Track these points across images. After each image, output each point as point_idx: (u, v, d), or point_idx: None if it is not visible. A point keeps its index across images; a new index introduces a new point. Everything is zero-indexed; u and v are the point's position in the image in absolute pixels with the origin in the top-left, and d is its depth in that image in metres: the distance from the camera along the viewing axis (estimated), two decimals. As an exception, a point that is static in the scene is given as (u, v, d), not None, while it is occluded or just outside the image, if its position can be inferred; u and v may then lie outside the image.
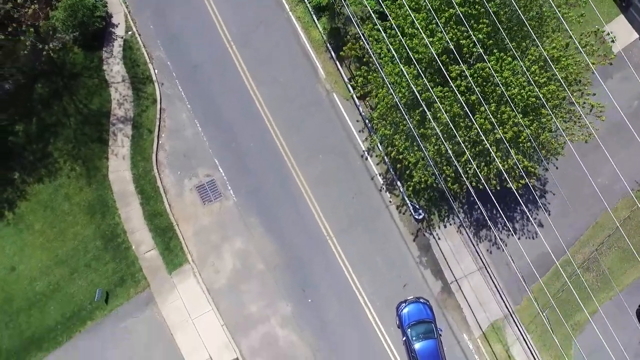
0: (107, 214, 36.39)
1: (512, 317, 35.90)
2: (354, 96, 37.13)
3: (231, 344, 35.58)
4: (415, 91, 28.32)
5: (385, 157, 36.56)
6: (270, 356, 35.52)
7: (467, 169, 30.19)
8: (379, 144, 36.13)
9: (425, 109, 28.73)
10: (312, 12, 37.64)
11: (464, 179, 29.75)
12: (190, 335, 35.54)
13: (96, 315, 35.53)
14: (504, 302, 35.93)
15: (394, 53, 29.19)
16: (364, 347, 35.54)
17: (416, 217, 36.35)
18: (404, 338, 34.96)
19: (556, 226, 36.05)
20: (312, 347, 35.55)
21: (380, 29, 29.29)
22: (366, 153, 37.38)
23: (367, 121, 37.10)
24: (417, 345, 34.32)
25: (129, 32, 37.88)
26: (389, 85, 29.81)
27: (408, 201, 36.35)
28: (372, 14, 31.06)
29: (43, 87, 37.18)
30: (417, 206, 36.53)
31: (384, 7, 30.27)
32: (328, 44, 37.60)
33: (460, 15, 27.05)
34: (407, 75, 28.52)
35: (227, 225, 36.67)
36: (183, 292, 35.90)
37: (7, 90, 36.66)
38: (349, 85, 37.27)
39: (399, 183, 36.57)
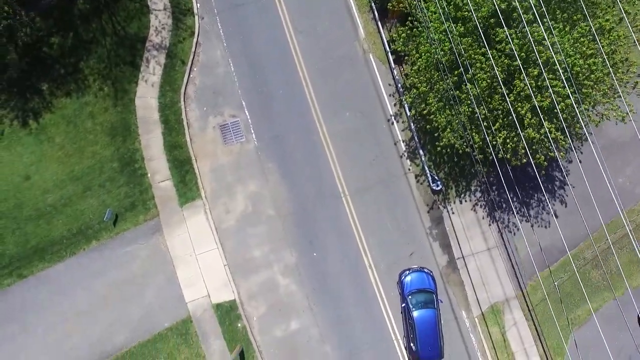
0: (128, 138, 35.95)
1: (523, 294, 35.21)
2: (390, 59, 36.47)
3: (230, 284, 35.14)
4: (461, 49, 27.56)
5: (412, 125, 35.91)
6: (267, 302, 35.06)
7: (497, 138, 29.55)
8: (407, 109, 35.50)
9: (467, 68, 27.97)
10: (360, -31, 37.05)
11: (490, 149, 29.12)
12: (191, 270, 35.11)
13: (102, 236, 35.15)
14: (519, 281, 35.32)
15: (442, 10, 28.53)
16: (361, 308, 35.00)
17: (434, 187, 35.70)
18: (404, 304, 34.43)
19: (571, 219, 35.60)
20: (310, 299, 35.07)
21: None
22: (393, 118, 36.74)
23: (399, 86, 36.45)
24: (416, 314, 33.76)
25: (177, -39, 37.39)
26: (432, 42, 29.12)
27: (428, 171, 35.73)
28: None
29: (84, 3, 36.71)
30: (436, 177, 35.91)
31: None
32: (373, 4, 36.95)
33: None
34: (454, 31, 27.86)
35: (245, 168, 36.16)
36: (191, 227, 35.46)
37: (49, 1, 36.22)
38: (387, 48, 36.60)
39: (421, 152, 35.92)
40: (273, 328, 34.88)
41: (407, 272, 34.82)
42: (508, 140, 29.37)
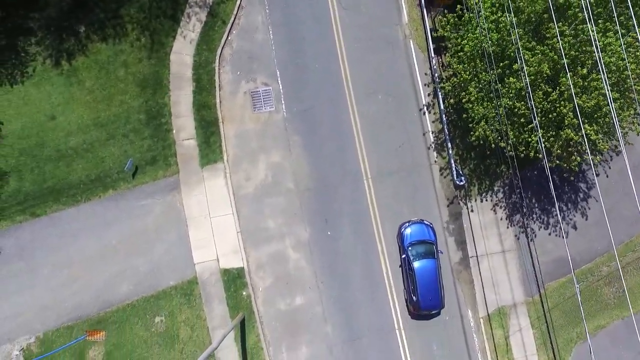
0: (158, 92, 35.07)
1: (535, 300, 34.20)
2: (430, 48, 35.45)
3: (241, 252, 34.33)
4: (510, 40, 26.53)
5: (444, 117, 34.92)
6: (274, 274, 34.24)
7: (532, 135, 28.63)
8: (440, 100, 34.59)
9: (513, 61, 26.94)
10: (411, -45, 35.99)
11: (525, 147, 28.20)
12: (203, 232, 34.30)
13: (119, 186, 34.35)
14: (529, 288, 34.39)
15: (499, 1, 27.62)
16: (368, 293, 34.12)
17: (457, 182, 34.74)
18: (403, 256, 33.47)
19: (589, 232, 34.72)
20: (318, 277, 34.24)
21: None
22: (425, 108, 35.74)
23: (435, 76, 35.47)
24: (416, 264, 32.84)
25: None
26: (481, 31, 28.15)
27: (454, 165, 34.77)
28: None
29: (132, -49, 35.85)
30: (461, 172, 34.99)
31: None
32: (421, -12, 35.97)
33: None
34: (505, 21, 26.92)
35: (270, 137, 35.25)
36: (209, 189, 34.63)
37: (97, -56, 35.34)
38: (428, 36, 35.59)
39: (449, 145, 34.95)
40: (277, 301, 34.08)
41: (407, 224, 33.97)
42: (544, 140, 28.42)
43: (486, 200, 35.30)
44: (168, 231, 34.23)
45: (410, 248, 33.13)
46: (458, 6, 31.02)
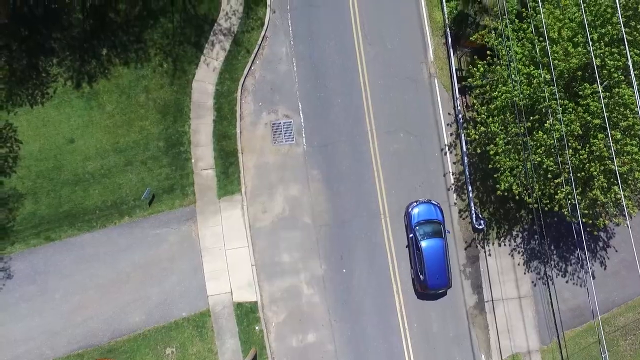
0: (179, 120, 34.49)
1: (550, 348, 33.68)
2: (455, 88, 34.83)
3: (254, 285, 33.74)
4: (542, 97, 25.93)
5: (465, 159, 34.33)
6: (287, 309, 33.67)
7: (559, 191, 28.03)
8: (463, 141, 34.01)
9: (544, 116, 26.32)
10: (442, -8, 35.31)
11: (549, 199, 27.62)
12: (218, 263, 33.72)
13: (135, 213, 33.76)
14: (545, 335, 33.79)
15: (528, 53, 26.93)
16: (382, 333, 33.57)
17: (476, 225, 34.14)
18: (411, 235, 33.04)
19: (608, 282, 34.15)
20: (331, 314, 33.69)
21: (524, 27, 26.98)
22: (447, 148, 35.15)
23: (459, 117, 34.86)
24: (424, 244, 32.52)
25: (258, -50, 35.69)
26: (513, 83, 27.52)
27: (473, 209, 34.18)
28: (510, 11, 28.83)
29: (157, -25, 35.19)
30: (481, 216, 34.39)
31: (539, 8, 27.67)
32: (448, 29, 35.18)
33: (624, 35, 24.47)
34: (539, 78, 26.29)
35: (289, 170, 34.63)
36: (225, 220, 34.05)
37: (124, -34, 34.69)
38: (453, 76, 34.98)
39: (469, 188, 34.35)
40: (290, 337, 33.54)
41: (415, 204, 33.58)
42: (570, 197, 27.80)
43: (504, 244, 34.71)
44: (182, 261, 33.67)
45: (417, 227, 32.78)
46: (488, 52, 30.30)
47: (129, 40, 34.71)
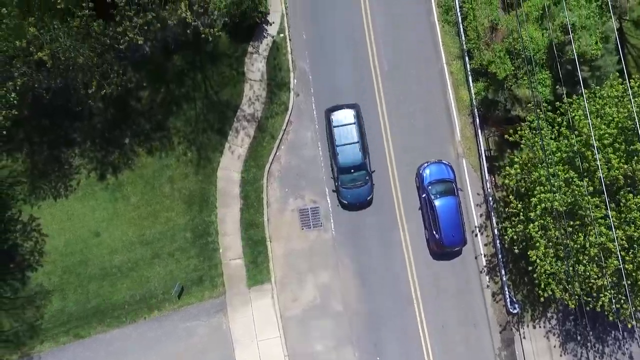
0: (205, 209, 33.73)
1: None
2: (484, 168, 34.04)
3: (288, 376, 33.15)
4: (585, 207, 25.25)
5: (498, 242, 33.59)
6: (322, 400, 33.10)
7: (602, 295, 27.36)
8: (494, 221, 33.30)
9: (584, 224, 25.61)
10: (469, 73, 34.40)
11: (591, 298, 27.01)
12: (250, 356, 32.98)
13: (165, 307, 33.07)
14: None
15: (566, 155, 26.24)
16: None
17: (511, 309, 33.37)
18: (424, 195, 32.79)
19: (646, 362, 33.33)
20: (366, 404, 33.08)
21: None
22: (477, 229, 34.44)
23: (489, 199, 34.11)
24: (437, 202, 32.33)
25: (281, 35, 34.66)
26: (552, 188, 26.75)
27: (507, 293, 33.45)
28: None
29: (179, 61, 34.27)
30: (515, 299, 33.66)
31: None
32: (475, 110, 34.35)
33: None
34: (581, 189, 25.57)
35: (318, 257, 33.87)
36: (256, 310, 33.35)
37: (145, 53, 33.79)
38: (482, 156, 34.22)
39: (502, 271, 33.59)
40: None
41: (426, 164, 33.44)
42: (614, 301, 27.09)
43: (539, 326, 33.96)
44: (213, 354, 32.99)
45: (430, 187, 32.58)
46: (522, 141, 29.42)
47: (151, 128, 33.97)
